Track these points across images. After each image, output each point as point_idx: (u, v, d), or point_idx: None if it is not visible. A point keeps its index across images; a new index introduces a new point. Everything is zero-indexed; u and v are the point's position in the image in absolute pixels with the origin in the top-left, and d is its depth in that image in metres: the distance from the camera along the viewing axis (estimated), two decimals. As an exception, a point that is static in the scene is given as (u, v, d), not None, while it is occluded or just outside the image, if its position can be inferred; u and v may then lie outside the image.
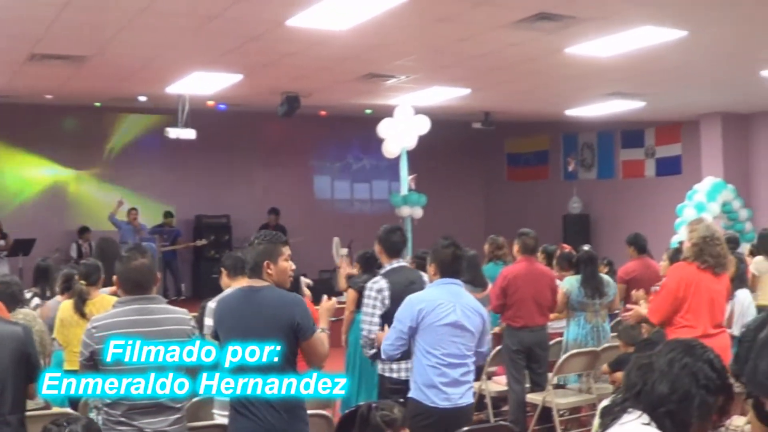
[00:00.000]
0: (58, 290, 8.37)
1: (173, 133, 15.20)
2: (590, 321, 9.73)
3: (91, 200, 19.45)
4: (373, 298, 7.02)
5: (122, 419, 5.02)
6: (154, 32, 10.28)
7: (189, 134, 15.19)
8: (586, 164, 21.70)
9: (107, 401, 5.06)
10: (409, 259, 9.35)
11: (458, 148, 22.67)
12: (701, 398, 2.97)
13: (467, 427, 5.98)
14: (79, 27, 10.03)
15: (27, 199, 19.15)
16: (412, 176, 15.81)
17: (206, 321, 6.68)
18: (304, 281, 9.78)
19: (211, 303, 6.72)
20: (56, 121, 18.94)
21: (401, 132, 15.33)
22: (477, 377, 9.63)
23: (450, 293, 6.22)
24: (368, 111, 17.71)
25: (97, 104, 17.83)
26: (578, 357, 9.26)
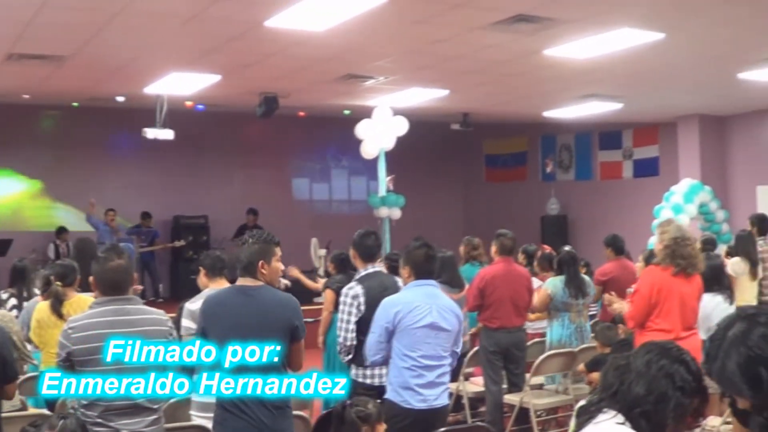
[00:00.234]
0: (39, 291, 8.32)
1: (151, 134, 15.13)
2: (574, 321, 9.76)
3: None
4: (349, 305, 7.02)
5: (99, 420, 4.99)
6: (133, 33, 10.25)
7: (167, 135, 15.13)
8: (564, 165, 21.75)
9: (84, 402, 5.03)
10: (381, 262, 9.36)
11: (437, 150, 22.66)
12: (677, 400, 2.99)
13: (443, 429, 5.99)
14: (58, 27, 9.99)
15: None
16: (390, 177, 15.81)
17: (184, 322, 6.65)
18: (282, 282, 9.78)
19: (189, 304, 6.71)
20: (33, 121, 18.86)
21: (379, 133, 15.33)
22: (454, 378, 9.68)
23: (425, 295, 6.21)
24: (347, 112, 17.71)
25: (75, 104, 17.75)
26: (556, 357, 9.28)
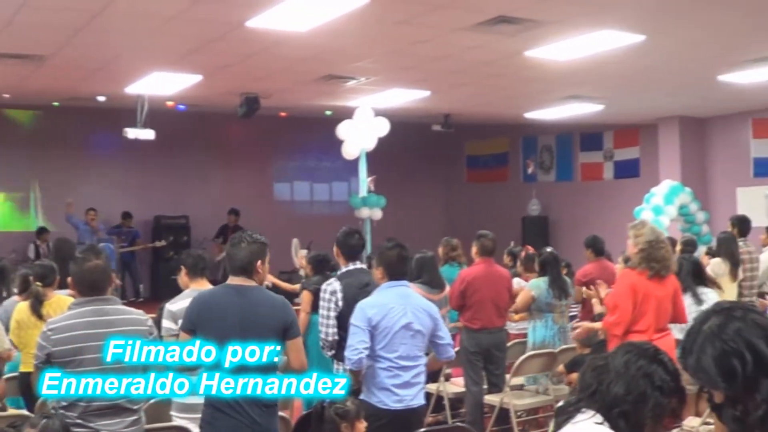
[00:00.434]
0: (16, 291, 8.30)
1: (132, 134, 15.10)
2: (557, 322, 9.77)
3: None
4: (327, 300, 7.02)
5: (78, 421, 4.98)
6: (113, 33, 10.23)
7: (148, 135, 15.10)
8: (545, 167, 21.81)
9: (63, 403, 5.02)
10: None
11: (418, 150, 22.67)
12: (656, 400, 3.01)
13: (423, 429, 6.00)
14: (38, 27, 9.96)
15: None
16: (372, 178, 15.82)
17: (164, 323, 6.61)
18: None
19: (170, 305, 6.68)
20: (12, 120, 18.80)
21: (361, 134, 15.34)
22: (435, 379, 9.70)
23: (399, 296, 6.21)
24: (328, 112, 17.71)
25: (56, 104, 17.69)
26: (536, 358, 9.29)
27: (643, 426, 3.03)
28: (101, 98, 16.04)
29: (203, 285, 6.89)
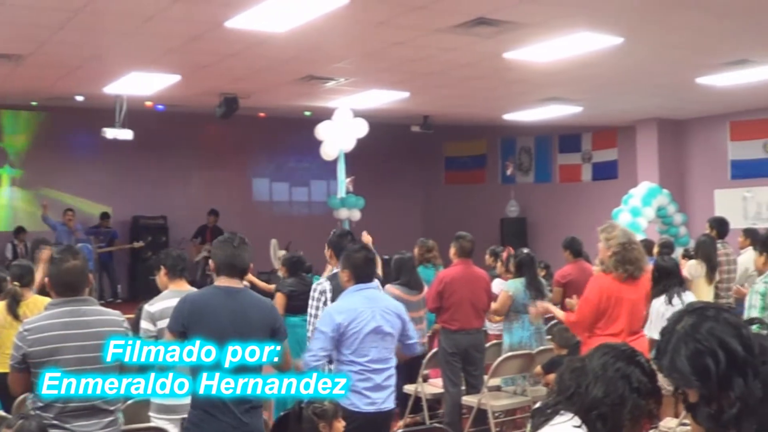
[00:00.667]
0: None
1: (110, 134, 15.03)
2: (533, 323, 9.78)
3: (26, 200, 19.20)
4: (316, 299, 7.02)
5: (55, 422, 4.96)
6: (92, 32, 10.19)
7: (126, 135, 15.04)
8: (524, 168, 21.85)
9: (40, 404, 5.00)
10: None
11: (397, 151, 22.69)
12: (634, 402, 3.02)
13: (401, 430, 6.01)
14: (16, 26, 9.91)
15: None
16: (350, 178, 15.80)
17: (143, 324, 6.59)
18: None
19: (148, 306, 6.65)
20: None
21: (339, 135, 15.32)
22: (413, 380, 9.71)
23: (367, 299, 6.18)
24: (307, 113, 17.68)
25: (34, 103, 17.62)
26: (514, 359, 9.31)
27: (621, 428, 3.04)
28: (79, 98, 15.97)
29: (182, 286, 6.86)
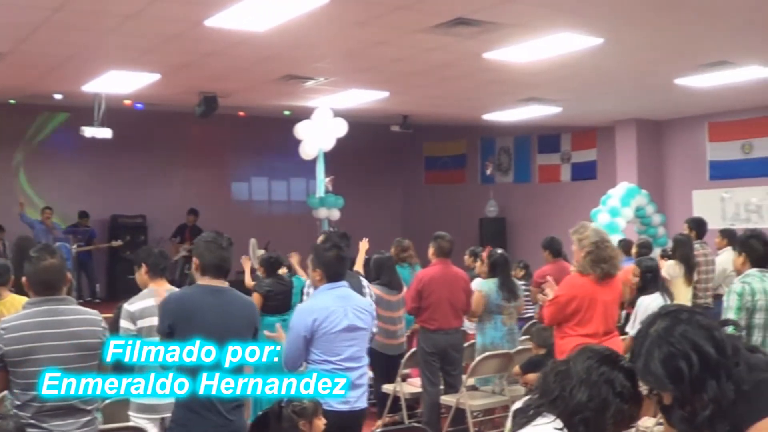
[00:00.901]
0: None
1: (89, 132, 14.97)
2: (506, 324, 9.78)
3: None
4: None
5: (32, 421, 4.93)
6: (71, 30, 10.16)
7: (105, 133, 14.98)
8: (503, 168, 21.88)
9: (17, 403, 4.97)
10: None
11: (376, 151, 22.69)
12: (617, 406, 3.04)
13: (379, 429, 6.00)
14: (-7, 24, 9.89)
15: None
16: (330, 178, 15.81)
17: (122, 323, 6.56)
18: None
19: (128, 305, 6.62)
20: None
21: (319, 134, 15.32)
22: (391, 380, 9.71)
23: (339, 298, 6.16)
24: (287, 112, 17.67)
25: (12, 101, 17.54)
26: (492, 359, 9.33)
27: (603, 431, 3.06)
28: (58, 96, 15.92)
29: (162, 285, 6.83)
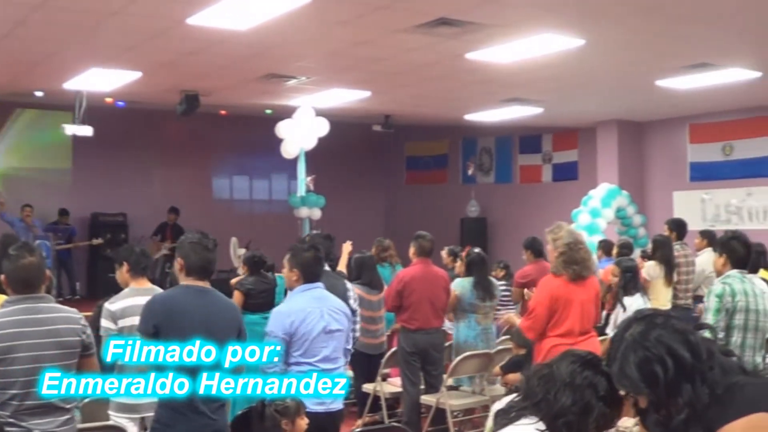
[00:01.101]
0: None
1: (70, 130, 14.94)
2: (481, 323, 9.78)
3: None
4: None
5: (11, 420, 4.91)
6: (52, 27, 10.12)
7: (86, 131, 14.94)
8: (485, 169, 21.91)
9: (-5, 401, 4.96)
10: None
11: (358, 150, 22.68)
12: (600, 410, 3.06)
13: (359, 429, 6.00)
14: (-27, 20, 9.84)
15: None
16: (311, 177, 15.80)
17: (103, 323, 6.53)
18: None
19: (108, 304, 6.60)
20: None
21: (300, 133, 15.31)
22: (371, 379, 9.72)
23: (315, 299, 6.17)
24: (268, 111, 17.65)
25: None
26: (472, 359, 9.33)
27: None
28: (39, 93, 15.86)
29: (144, 284, 6.81)
